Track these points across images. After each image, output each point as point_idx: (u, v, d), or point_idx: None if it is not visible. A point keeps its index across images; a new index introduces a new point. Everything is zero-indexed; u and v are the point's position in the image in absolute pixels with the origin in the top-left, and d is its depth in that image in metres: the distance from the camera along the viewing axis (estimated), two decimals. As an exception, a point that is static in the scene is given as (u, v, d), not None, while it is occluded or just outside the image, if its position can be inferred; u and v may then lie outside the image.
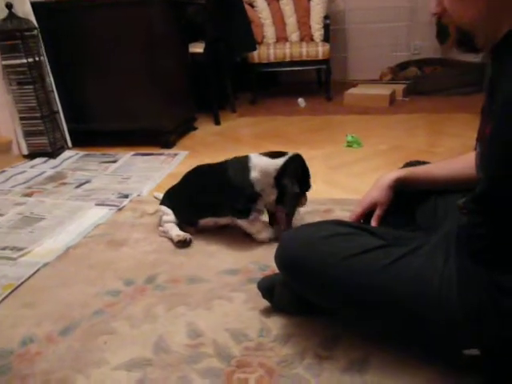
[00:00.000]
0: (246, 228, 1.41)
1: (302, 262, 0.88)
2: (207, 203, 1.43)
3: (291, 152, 1.39)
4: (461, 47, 0.78)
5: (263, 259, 1.31)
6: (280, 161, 1.34)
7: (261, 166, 1.34)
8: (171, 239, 1.46)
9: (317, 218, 1.46)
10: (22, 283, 1.28)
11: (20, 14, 2.31)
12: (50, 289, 1.25)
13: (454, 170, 1.03)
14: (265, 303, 1.09)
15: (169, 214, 1.51)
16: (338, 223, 0.95)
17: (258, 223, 1.41)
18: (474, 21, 0.71)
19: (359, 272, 0.82)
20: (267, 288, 1.06)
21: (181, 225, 1.50)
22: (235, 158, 1.42)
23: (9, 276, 1.32)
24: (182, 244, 1.42)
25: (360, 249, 0.84)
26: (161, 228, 1.52)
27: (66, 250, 1.45)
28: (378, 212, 1.07)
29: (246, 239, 1.44)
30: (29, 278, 1.31)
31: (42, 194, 1.97)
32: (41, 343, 1.03)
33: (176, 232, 1.45)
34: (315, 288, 0.89)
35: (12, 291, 1.24)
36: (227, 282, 1.22)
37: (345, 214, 1.43)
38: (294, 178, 1.34)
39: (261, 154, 1.39)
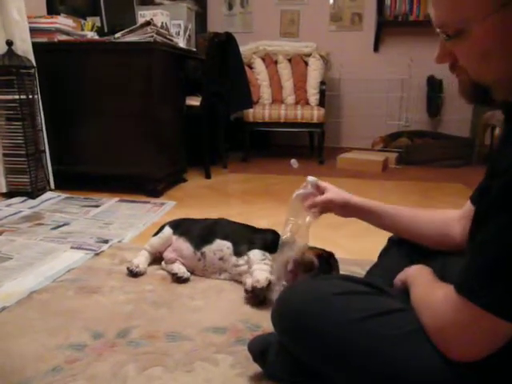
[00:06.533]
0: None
1: (312, 319, 0.75)
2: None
3: None
4: (473, 100, 0.72)
5: (254, 318, 1.17)
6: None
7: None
8: None
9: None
10: (-29, 329, 1.09)
11: (19, 52, 2.29)
12: (2, 337, 1.07)
13: (415, 223, 1.04)
14: (255, 368, 0.93)
15: (152, 243, 1.50)
16: (350, 279, 0.84)
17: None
18: (496, 79, 0.65)
19: (382, 337, 0.70)
20: (260, 350, 0.91)
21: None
22: None
23: (-43, 320, 1.13)
24: (129, 273, 1.42)
25: (380, 310, 0.73)
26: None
27: (28, 295, 1.28)
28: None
29: (235, 296, 1.30)
30: (-19, 323, 1.12)
31: (14, 233, 1.81)
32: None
33: (136, 260, 1.45)
34: (324, 351, 0.75)
35: (-43, 338, 1.05)
36: (212, 341, 1.06)
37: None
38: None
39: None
